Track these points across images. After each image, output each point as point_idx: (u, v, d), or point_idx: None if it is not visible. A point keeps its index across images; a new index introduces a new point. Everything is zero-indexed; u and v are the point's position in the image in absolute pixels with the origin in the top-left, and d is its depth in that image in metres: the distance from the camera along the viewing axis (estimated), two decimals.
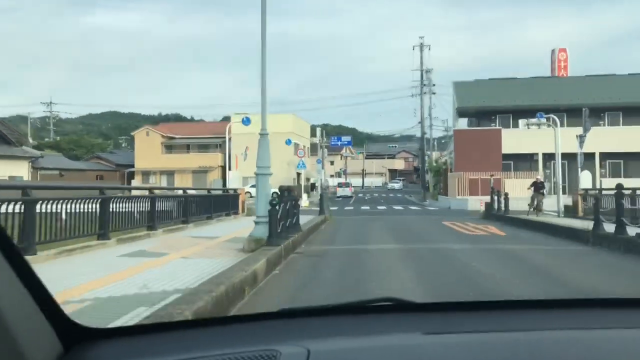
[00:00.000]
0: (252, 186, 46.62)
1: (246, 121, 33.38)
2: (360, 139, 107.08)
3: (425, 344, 1.20)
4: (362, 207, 32.43)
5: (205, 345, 1.22)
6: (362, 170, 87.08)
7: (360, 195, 59.55)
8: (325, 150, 66.74)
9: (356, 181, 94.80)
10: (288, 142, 48.53)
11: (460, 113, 37.85)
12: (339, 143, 51.13)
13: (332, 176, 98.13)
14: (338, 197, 53.52)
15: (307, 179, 63.24)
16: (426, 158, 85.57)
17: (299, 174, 58.97)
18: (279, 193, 11.04)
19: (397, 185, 78.13)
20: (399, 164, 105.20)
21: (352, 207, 34.60)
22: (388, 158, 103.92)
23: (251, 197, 46.82)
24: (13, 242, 1.03)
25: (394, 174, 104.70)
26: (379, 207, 33.28)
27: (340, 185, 57.80)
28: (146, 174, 57.01)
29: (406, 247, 11.67)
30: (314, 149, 57.50)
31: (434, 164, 36.99)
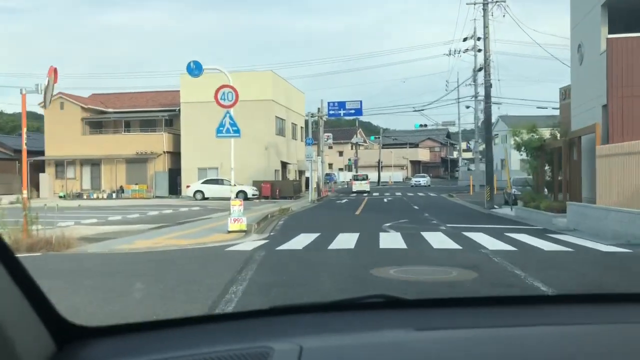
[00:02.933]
0: (208, 181, 28.84)
1: (195, 69, 13.37)
2: (375, 134, 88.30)
3: (417, 340, 1.21)
4: (385, 231, 13.26)
5: (198, 342, 1.22)
6: (378, 162, 68.15)
7: (376, 194, 40.74)
8: (328, 136, 47.99)
9: (371, 175, 76.30)
10: (309, 142, 30.12)
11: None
12: (342, 113, 32.33)
13: (341, 170, 79.48)
14: (353, 193, 42.40)
15: (301, 172, 44.40)
16: (471, 145, 66.36)
17: (285, 165, 40.23)
18: None
19: (423, 180, 59.09)
20: (423, 155, 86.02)
21: (359, 227, 15.94)
22: (410, 147, 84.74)
23: (203, 197, 28.47)
24: (5, 241, 1.02)
25: (416, 166, 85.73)
26: (431, 238, 13.67)
27: (357, 178, 46.01)
28: (61, 164, 38.68)
29: None
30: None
31: (520, 137, 17.75)
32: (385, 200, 32.89)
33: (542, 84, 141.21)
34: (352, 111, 32.13)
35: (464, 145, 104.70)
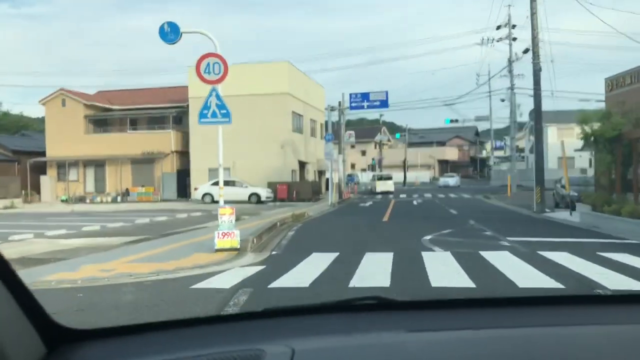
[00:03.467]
0: (217, 183, 25.40)
1: (170, 34, 9.95)
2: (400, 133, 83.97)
3: (409, 342, 1.21)
4: (428, 248, 9.53)
5: (190, 345, 1.21)
6: (404, 161, 64.37)
7: (403, 196, 37.12)
8: (350, 133, 44.74)
9: (396, 176, 72.51)
10: (328, 138, 26.81)
11: None
12: (366, 105, 28.68)
13: (363, 170, 75.83)
14: (378, 194, 39.77)
15: (320, 172, 41.05)
16: (507, 141, 62.12)
17: (303, 164, 36.91)
18: None
19: (451, 181, 55.11)
20: (450, 154, 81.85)
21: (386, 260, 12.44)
22: (437, 145, 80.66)
23: (213, 201, 25.45)
24: None
25: (444, 166, 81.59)
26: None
27: (380, 177, 43.19)
28: (63, 165, 36.03)
29: None
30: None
31: (590, 126, 13.97)
32: (415, 202, 29.30)
33: (578, 75, 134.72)
34: (377, 103, 28.59)
35: (494, 143, 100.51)
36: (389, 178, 42.82)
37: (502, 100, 44.50)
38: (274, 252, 9.71)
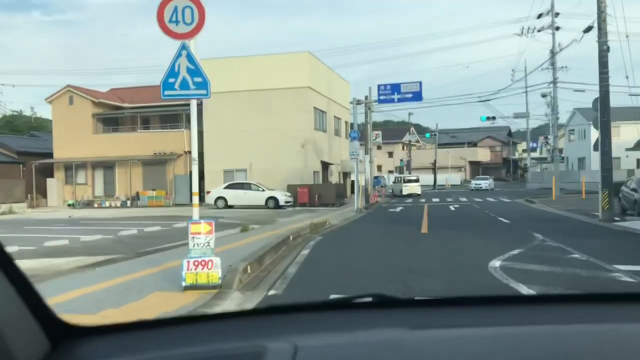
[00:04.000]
0: (232, 186, 23.15)
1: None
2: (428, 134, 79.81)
3: (412, 339, 1.21)
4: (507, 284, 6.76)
5: (193, 341, 1.21)
6: (434, 162, 60.87)
7: (436, 200, 33.92)
8: (377, 134, 42.09)
9: (425, 178, 69.00)
10: (354, 135, 23.84)
11: None
12: (396, 98, 25.27)
13: (390, 172, 72.46)
14: (405, 197, 38.60)
15: (345, 174, 38.09)
16: (542, 143, 58.12)
17: (326, 166, 33.96)
18: None
19: (484, 183, 51.39)
20: (482, 155, 77.92)
21: None
22: (468, 146, 76.83)
23: (227, 205, 22.82)
24: None
25: (475, 167, 77.69)
26: None
27: (407, 180, 41.87)
28: (70, 168, 33.83)
29: None
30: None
31: None
32: (452, 208, 26.08)
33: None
34: (409, 95, 25.34)
35: (524, 145, 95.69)
36: (416, 180, 41.33)
37: (543, 96, 40.91)
38: (271, 292, 6.58)
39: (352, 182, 37.98)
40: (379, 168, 77.77)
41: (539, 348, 1.14)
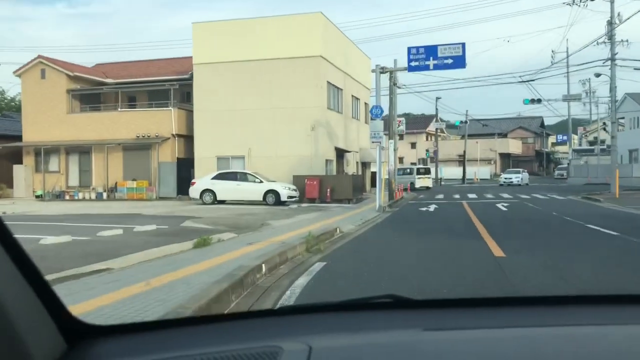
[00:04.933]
0: (222, 176, 18.08)
1: None
2: (449, 128, 72.85)
3: (425, 340, 1.21)
4: None
5: (208, 341, 1.22)
6: (463, 153, 54.96)
7: (473, 197, 28.34)
8: (400, 121, 37.36)
9: (450, 172, 63.06)
10: (376, 112, 18.10)
11: None
12: (432, 64, 19.01)
13: (413, 164, 66.64)
14: (420, 188, 36.45)
15: (364, 164, 32.52)
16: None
17: (342, 154, 28.44)
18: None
19: (515, 178, 45.15)
20: (514, 147, 71.55)
21: None
22: (499, 137, 70.51)
23: (215, 200, 17.60)
24: (15, 237, 1.01)
25: (506, 160, 71.38)
26: None
27: (422, 172, 38.58)
28: (40, 153, 28.79)
29: None
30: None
31: None
32: (501, 206, 20.37)
33: None
34: (449, 61, 19.28)
35: (554, 138, 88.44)
36: (428, 172, 39.36)
37: (597, 76, 34.68)
38: None
39: (373, 173, 32.50)
40: (401, 160, 71.95)
41: (555, 350, 1.13)
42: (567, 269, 7.19)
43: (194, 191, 21.71)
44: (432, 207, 20.74)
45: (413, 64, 19.68)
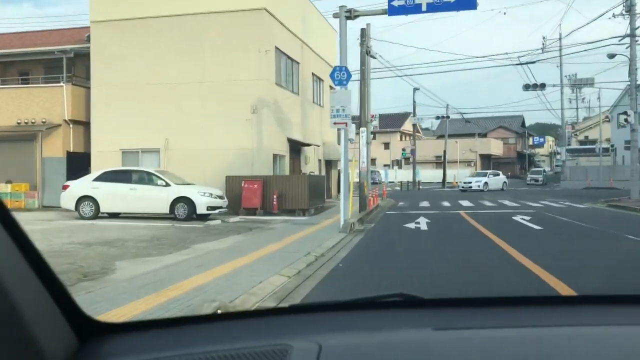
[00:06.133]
0: (110, 176, 9.09)
1: None
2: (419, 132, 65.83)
3: (436, 340, 1.20)
4: None
5: (218, 339, 1.22)
6: (443, 153, 48.82)
7: (466, 204, 22.10)
8: (373, 117, 31.62)
9: (428, 175, 56.74)
10: (339, 76, 10.55)
11: None
12: (424, 2, 12.52)
13: (387, 167, 60.19)
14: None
15: (329, 163, 25.79)
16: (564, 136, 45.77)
17: (298, 148, 21.61)
18: None
19: (476, 182, 36.84)
20: (496, 147, 65.82)
21: None
22: (480, 136, 64.70)
23: (97, 213, 10.04)
24: (27, 235, 0.99)
25: (486, 161, 65.68)
26: None
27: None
28: None
29: None
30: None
31: None
32: (519, 219, 13.80)
33: None
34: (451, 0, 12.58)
35: (534, 140, 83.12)
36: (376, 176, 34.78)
37: (612, 57, 28.66)
38: None
39: (340, 172, 25.78)
40: (373, 162, 65.49)
41: (565, 349, 1.12)
42: None
43: (67, 199, 14.49)
44: (421, 222, 14.12)
45: (396, 2, 12.76)
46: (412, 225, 13.38)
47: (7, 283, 0.92)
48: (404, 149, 49.55)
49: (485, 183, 36.09)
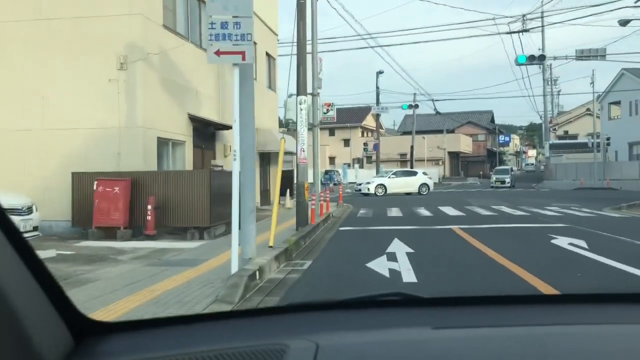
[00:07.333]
0: None
1: None
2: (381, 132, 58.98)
3: (434, 339, 1.19)
4: None
5: (215, 338, 1.21)
6: (410, 149, 42.81)
7: (452, 213, 15.84)
8: (329, 106, 23.26)
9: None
10: None
11: None
12: None
13: (347, 165, 53.85)
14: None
15: (264, 157, 18.77)
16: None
17: (210, 131, 14.60)
18: None
19: (366, 184, 29.54)
20: (464, 144, 60.36)
21: None
22: (448, 132, 59.06)
23: None
24: (22, 233, 0.99)
25: (455, 160, 60.25)
26: None
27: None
28: None
29: None
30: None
31: None
32: (576, 249, 7.54)
33: None
34: None
35: (503, 136, 78.23)
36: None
37: (624, 24, 23.01)
38: None
39: (287, 174, 18.88)
40: (332, 160, 59.10)
41: (565, 348, 1.12)
42: None
43: None
44: (399, 255, 7.67)
45: None
46: (382, 266, 6.88)
47: (2, 282, 0.90)
48: (365, 144, 43.27)
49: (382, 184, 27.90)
